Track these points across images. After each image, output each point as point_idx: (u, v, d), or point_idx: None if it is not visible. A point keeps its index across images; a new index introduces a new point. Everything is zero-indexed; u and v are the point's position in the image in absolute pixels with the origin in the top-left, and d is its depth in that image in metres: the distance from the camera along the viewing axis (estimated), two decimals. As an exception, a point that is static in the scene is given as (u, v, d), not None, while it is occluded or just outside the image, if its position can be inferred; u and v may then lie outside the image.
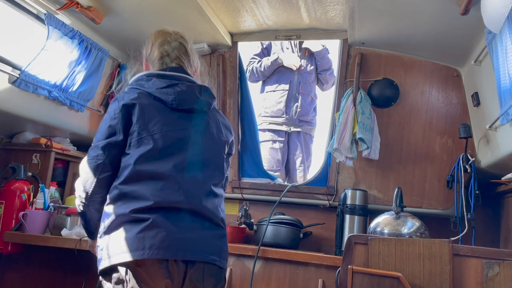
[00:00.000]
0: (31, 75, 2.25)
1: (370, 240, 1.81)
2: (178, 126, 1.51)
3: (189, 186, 1.45)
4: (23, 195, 2.36)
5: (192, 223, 1.43)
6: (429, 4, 2.09)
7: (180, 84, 1.55)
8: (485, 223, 2.57)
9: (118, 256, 1.35)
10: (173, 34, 1.68)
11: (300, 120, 3.48)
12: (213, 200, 1.51)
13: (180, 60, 1.63)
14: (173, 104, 1.51)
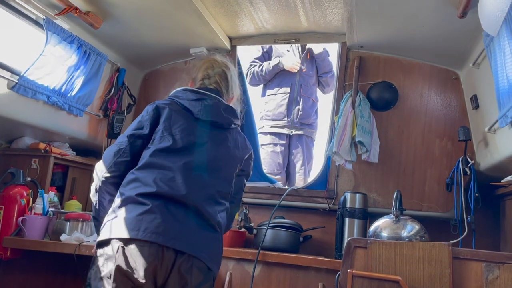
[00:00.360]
0: (30, 80, 2.25)
1: (369, 243, 1.80)
2: (198, 133, 1.66)
3: (193, 184, 1.55)
4: (22, 200, 2.35)
5: (188, 217, 1.51)
6: (427, 7, 2.09)
7: (208, 99, 1.71)
8: (485, 226, 2.57)
9: (116, 231, 1.46)
10: (219, 62, 1.86)
11: (301, 123, 3.48)
12: (213, 205, 1.59)
13: (218, 84, 1.81)
14: (198, 114, 1.68)
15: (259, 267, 2.29)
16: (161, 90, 3.19)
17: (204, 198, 1.56)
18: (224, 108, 1.73)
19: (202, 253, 1.49)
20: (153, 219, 1.45)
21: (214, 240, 1.57)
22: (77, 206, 2.64)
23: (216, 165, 1.65)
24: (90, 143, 2.91)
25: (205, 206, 1.55)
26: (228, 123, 1.73)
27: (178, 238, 1.45)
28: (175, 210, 1.50)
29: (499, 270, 1.64)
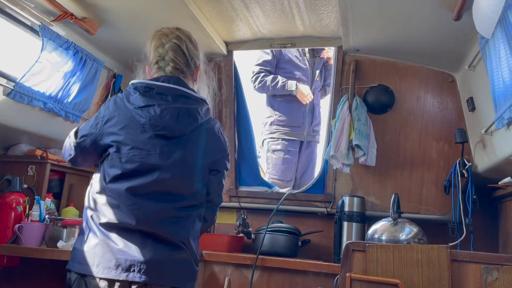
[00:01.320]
0: (26, 86, 2.25)
1: (368, 247, 1.80)
2: (147, 149, 1.50)
3: (145, 209, 1.45)
4: (18, 208, 2.33)
5: (143, 245, 1.42)
6: (422, 10, 2.10)
7: (157, 106, 1.51)
8: (483, 228, 2.57)
9: (74, 263, 1.46)
10: (168, 35, 1.64)
11: (313, 130, 3.50)
12: (174, 223, 1.48)
13: (176, 63, 1.61)
14: (144, 126, 1.51)
15: (257, 272, 2.28)
16: (157, 95, 3.18)
17: (160, 220, 1.46)
18: (176, 116, 1.52)
19: (162, 278, 1.42)
20: (104, 252, 1.41)
21: (177, 259, 1.47)
22: (74, 212, 2.62)
23: (170, 183, 1.50)
24: (87, 149, 2.90)
25: (162, 227, 1.45)
26: (182, 130, 1.54)
27: (132, 269, 1.39)
28: (129, 240, 1.42)
29: (497, 272, 1.64)
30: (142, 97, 1.53)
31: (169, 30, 1.65)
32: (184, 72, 1.63)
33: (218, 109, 2.99)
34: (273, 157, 3.42)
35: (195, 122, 1.56)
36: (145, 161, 1.48)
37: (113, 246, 1.41)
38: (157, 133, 1.51)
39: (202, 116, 1.60)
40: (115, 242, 1.42)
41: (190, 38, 1.67)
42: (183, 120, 1.53)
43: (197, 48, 1.69)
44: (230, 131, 2.99)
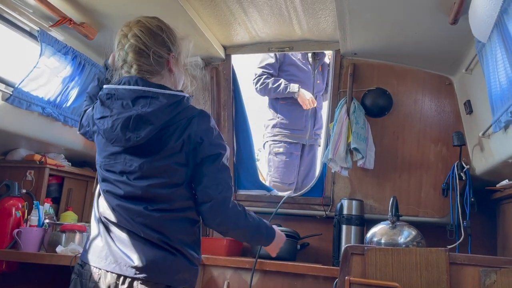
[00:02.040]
0: (25, 92, 2.25)
1: (366, 250, 1.80)
2: (112, 157, 1.48)
3: (123, 213, 1.45)
4: (17, 213, 2.34)
5: (131, 240, 1.43)
6: (419, 14, 2.11)
7: (109, 117, 1.43)
8: (482, 231, 2.57)
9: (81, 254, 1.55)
10: (127, 33, 1.50)
11: (315, 133, 3.50)
12: (153, 219, 1.43)
13: (139, 65, 1.47)
14: (104, 138, 1.47)
15: (256, 276, 2.28)
16: (156, 99, 3.18)
17: (140, 219, 1.43)
18: (127, 123, 1.40)
19: (143, 272, 1.39)
20: (102, 245, 1.46)
21: (159, 256, 1.42)
22: (73, 217, 2.62)
23: (139, 191, 1.43)
24: (86, 154, 2.90)
25: (143, 227, 1.43)
26: (134, 139, 1.41)
27: (119, 262, 1.41)
28: (118, 234, 1.44)
29: (496, 274, 1.64)
30: (101, 107, 1.46)
31: (128, 28, 1.51)
32: (152, 71, 1.48)
33: (216, 113, 2.99)
34: (275, 160, 3.43)
35: (151, 126, 1.40)
36: (115, 171, 1.46)
37: (108, 241, 1.46)
38: (113, 145, 1.45)
39: (163, 115, 1.42)
40: (110, 237, 1.46)
41: (152, 30, 1.51)
42: (135, 128, 1.40)
43: (163, 38, 1.51)
44: (229, 135, 2.99)
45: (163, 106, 1.41)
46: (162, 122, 1.41)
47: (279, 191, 3.24)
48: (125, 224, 1.45)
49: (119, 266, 1.41)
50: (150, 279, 1.40)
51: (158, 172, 1.43)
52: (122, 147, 1.44)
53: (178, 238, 1.47)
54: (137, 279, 1.40)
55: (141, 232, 1.43)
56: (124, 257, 1.41)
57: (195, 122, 1.45)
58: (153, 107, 1.41)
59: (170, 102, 1.43)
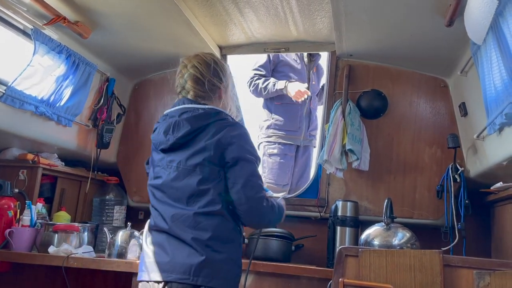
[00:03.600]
0: (18, 90, 2.23)
1: (361, 252, 1.80)
2: (160, 164, 1.72)
3: (166, 216, 1.63)
4: (9, 212, 2.31)
5: (167, 247, 1.59)
6: (414, 16, 2.11)
7: (158, 128, 1.74)
8: (476, 233, 2.58)
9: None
10: (187, 64, 1.78)
11: (310, 134, 3.50)
12: (184, 221, 1.59)
13: (195, 92, 1.75)
14: (153, 146, 1.77)
15: (250, 277, 2.27)
16: (151, 99, 3.17)
17: (175, 222, 1.61)
18: (171, 129, 1.68)
19: (180, 274, 1.52)
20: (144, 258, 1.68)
21: (190, 255, 1.54)
22: (66, 217, 2.60)
23: (176, 189, 1.64)
24: (79, 153, 2.88)
25: (177, 229, 1.60)
26: (172, 140, 1.67)
27: (159, 270, 1.56)
28: (158, 244, 1.63)
29: (490, 277, 1.64)
30: (156, 124, 1.79)
31: (188, 60, 1.80)
32: (205, 97, 1.75)
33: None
34: (269, 161, 3.42)
35: (186, 128, 1.65)
36: (161, 173, 1.69)
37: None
38: (159, 149, 1.72)
39: (198, 121, 1.66)
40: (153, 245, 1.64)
41: (208, 63, 1.77)
42: (173, 131, 1.67)
43: (216, 70, 1.78)
44: (224, 136, 2.98)
45: (198, 115, 1.67)
46: (196, 126, 1.65)
47: (274, 192, 3.23)
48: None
49: (162, 273, 1.57)
50: (188, 281, 1.52)
51: (192, 169, 1.63)
52: (164, 151, 1.70)
53: (208, 238, 1.59)
54: (175, 282, 1.53)
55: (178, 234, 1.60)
56: (162, 264, 1.59)
57: (228, 129, 1.66)
58: (192, 115, 1.68)
59: (206, 112, 1.69)
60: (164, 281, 1.53)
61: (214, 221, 1.58)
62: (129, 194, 3.14)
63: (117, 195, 2.98)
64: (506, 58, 1.60)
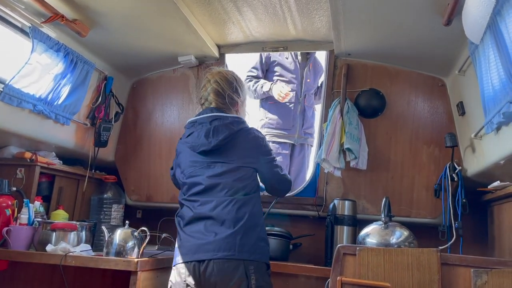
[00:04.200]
0: (15, 88, 2.22)
1: (359, 250, 1.80)
2: (197, 164, 1.99)
3: (209, 205, 1.91)
4: (7, 211, 2.30)
5: (204, 230, 1.85)
6: (413, 15, 2.12)
7: (195, 132, 2.00)
8: (473, 232, 2.59)
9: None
10: (210, 79, 2.09)
11: (305, 132, 3.49)
12: (225, 208, 1.88)
13: (217, 103, 2.06)
14: (191, 149, 2.01)
15: (248, 276, 2.27)
16: (149, 98, 3.17)
17: (214, 207, 1.90)
18: (208, 134, 1.96)
19: (219, 252, 1.78)
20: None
21: (228, 235, 1.81)
22: (64, 216, 2.60)
23: (212, 182, 1.94)
24: (77, 152, 2.88)
25: (214, 213, 1.88)
26: (214, 143, 1.94)
27: (196, 251, 1.83)
28: (192, 229, 1.90)
29: (487, 275, 1.65)
30: (187, 130, 2.08)
31: (211, 75, 2.11)
32: (225, 109, 2.05)
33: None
34: None
35: (224, 133, 1.95)
36: (199, 173, 1.96)
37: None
38: (198, 151, 1.97)
39: (232, 127, 1.97)
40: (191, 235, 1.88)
41: (230, 80, 2.09)
42: (214, 135, 1.95)
43: (235, 86, 2.09)
44: (222, 134, 2.99)
45: (229, 122, 1.99)
46: (232, 132, 1.96)
47: None
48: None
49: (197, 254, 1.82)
50: (227, 256, 1.79)
51: (233, 169, 1.94)
52: (205, 153, 1.97)
53: (243, 221, 1.87)
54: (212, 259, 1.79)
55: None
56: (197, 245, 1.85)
57: (252, 133, 2.04)
58: (225, 122, 1.98)
59: (236, 120, 2.02)
60: (211, 259, 1.77)
61: (249, 207, 1.89)
62: (127, 192, 3.14)
63: (115, 194, 2.98)
64: (504, 57, 1.60)
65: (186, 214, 1.95)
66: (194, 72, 3.05)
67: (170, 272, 1.96)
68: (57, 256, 2.11)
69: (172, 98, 3.12)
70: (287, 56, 3.48)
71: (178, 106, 3.11)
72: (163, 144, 3.11)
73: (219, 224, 1.84)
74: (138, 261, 1.99)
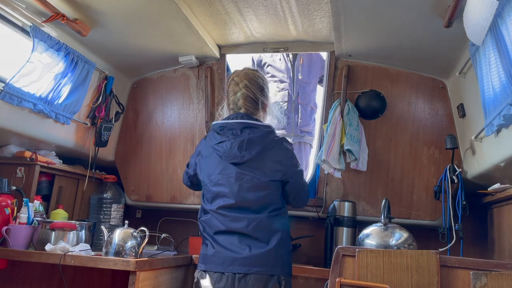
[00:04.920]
0: (16, 87, 2.23)
1: (358, 252, 1.80)
2: (226, 173, 1.97)
3: (241, 220, 1.90)
4: (6, 210, 2.30)
5: (238, 243, 1.87)
6: (414, 17, 2.12)
7: (227, 141, 1.97)
8: (473, 234, 2.58)
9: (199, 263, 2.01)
10: (239, 83, 2.07)
11: (301, 130, 3.49)
12: (258, 225, 1.89)
13: (246, 108, 2.05)
14: (221, 157, 1.98)
15: (247, 277, 2.27)
16: (149, 98, 3.17)
17: (246, 223, 1.89)
18: (241, 147, 1.94)
19: (253, 267, 1.82)
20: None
21: (264, 252, 1.85)
22: (63, 215, 2.60)
23: (242, 196, 1.93)
24: (77, 151, 2.88)
25: (247, 229, 1.88)
26: (247, 156, 1.94)
27: (233, 263, 1.84)
28: (229, 241, 1.89)
29: (486, 278, 1.65)
30: (218, 136, 2.03)
31: (239, 79, 2.08)
32: (254, 112, 2.06)
33: (210, 112, 2.98)
34: None
35: (258, 147, 1.96)
36: (227, 183, 1.95)
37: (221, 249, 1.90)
38: (231, 162, 1.96)
39: (265, 140, 1.98)
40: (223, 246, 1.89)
41: (258, 83, 2.08)
42: (247, 148, 1.95)
43: (264, 88, 2.10)
44: (222, 135, 2.99)
45: (264, 133, 1.99)
46: (264, 144, 1.97)
47: None
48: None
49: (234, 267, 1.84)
50: (260, 272, 1.83)
51: (263, 184, 1.94)
52: (235, 164, 1.95)
53: (277, 235, 1.90)
54: (249, 274, 1.83)
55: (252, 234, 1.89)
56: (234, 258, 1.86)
57: (283, 145, 2.02)
58: (258, 134, 1.98)
59: (267, 131, 2.01)
60: (247, 273, 1.81)
61: (280, 223, 1.92)
62: (127, 192, 3.14)
63: (115, 194, 2.99)
64: (505, 59, 1.60)
65: (215, 224, 1.95)
66: (195, 72, 3.05)
67: (169, 272, 1.97)
68: (56, 256, 2.10)
69: (173, 98, 3.12)
70: (280, 58, 3.49)
71: (179, 106, 3.11)
72: (163, 144, 3.11)
73: (252, 238, 1.87)
74: (137, 261, 1.99)
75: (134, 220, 3.17)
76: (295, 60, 3.51)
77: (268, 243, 1.86)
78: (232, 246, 1.87)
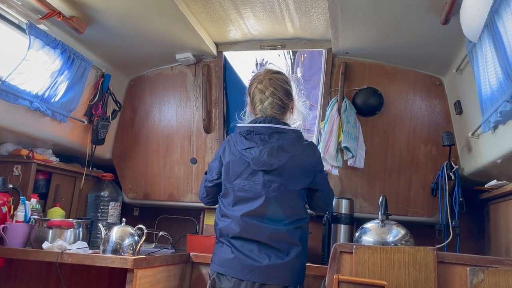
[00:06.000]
0: (12, 85, 2.21)
1: (355, 249, 1.80)
2: (253, 179, 1.89)
3: (263, 230, 1.83)
4: (3, 208, 2.30)
5: (257, 252, 1.82)
6: (410, 14, 2.12)
7: (256, 147, 1.90)
8: (470, 230, 2.59)
9: (214, 264, 1.94)
10: (265, 91, 1.97)
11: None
12: (280, 236, 1.84)
13: (274, 114, 1.97)
14: (249, 164, 1.89)
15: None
16: (146, 95, 3.17)
17: (267, 232, 1.82)
18: (271, 153, 1.87)
19: (271, 278, 1.77)
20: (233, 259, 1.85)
21: (283, 263, 1.80)
22: (60, 213, 2.59)
23: (270, 207, 1.86)
24: (74, 149, 2.87)
25: (267, 238, 1.82)
26: (277, 163, 1.87)
27: (253, 272, 1.78)
28: (248, 249, 1.82)
29: (483, 274, 1.65)
30: (245, 141, 1.94)
31: (263, 86, 1.98)
32: (281, 117, 2.00)
33: (207, 110, 2.98)
34: None
35: (288, 154, 1.89)
36: (252, 190, 1.87)
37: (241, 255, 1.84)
38: (261, 169, 1.88)
39: (294, 146, 1.92)
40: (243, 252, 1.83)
41: (285, 88, 2.00)
42: (277, 156, 1.88)
43: (290, 91, 2.02)
44: (219, 132, 2.99)
45: (293, 139, 1.93)
46: (294, 151, 1.90)
47: None
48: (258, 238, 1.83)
49: (254, 276, 1.78)
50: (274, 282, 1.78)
51: (290, 193, 1.88)
52: (264, 171, 1.88)
53: (298, 246, 1.86)
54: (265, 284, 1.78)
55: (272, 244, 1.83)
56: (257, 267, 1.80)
57: (311, 151, 1.97)
58: (287, 140, 1.92)
59: (296, 136, 1.95)
60: (265, 283, 1.77)
61: (302, 235, 1.88)
62: (124, 190, 3.13)
63: (112, 192, 2.98)
64: (501, 56, 1.60)
65: (234, 229, 1.88)
66: (192, 70, 3.05)
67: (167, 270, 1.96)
68: (53, 254, 2.10)
69: (170, 96, 3.12)
70: (280, 55, 3.49)
71: (176, 104, 3.10)
72: (161, 142, 3.11)
73: (273, 248, 1.82)
74: (135, 258, 1.99)
75: (132, 218, 3.16)
76: (295, 58, 3.51)
77: (288, 254, 1.82)
78: (252, 254, 1.82)
